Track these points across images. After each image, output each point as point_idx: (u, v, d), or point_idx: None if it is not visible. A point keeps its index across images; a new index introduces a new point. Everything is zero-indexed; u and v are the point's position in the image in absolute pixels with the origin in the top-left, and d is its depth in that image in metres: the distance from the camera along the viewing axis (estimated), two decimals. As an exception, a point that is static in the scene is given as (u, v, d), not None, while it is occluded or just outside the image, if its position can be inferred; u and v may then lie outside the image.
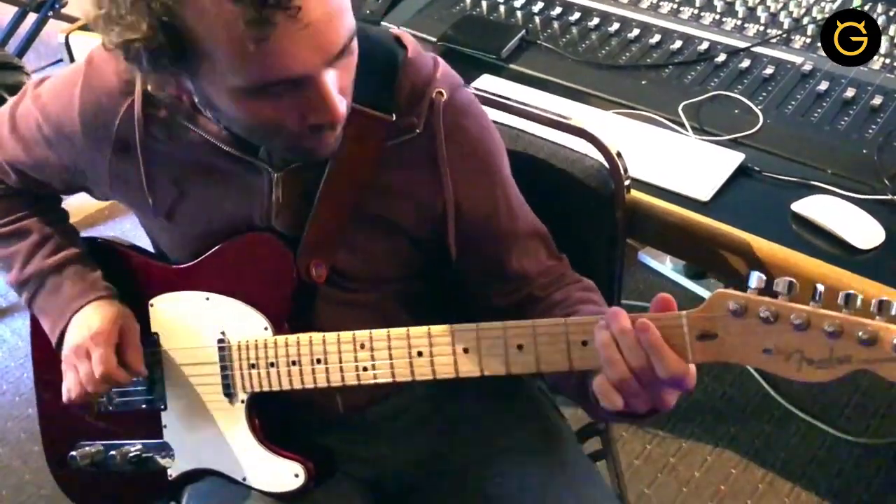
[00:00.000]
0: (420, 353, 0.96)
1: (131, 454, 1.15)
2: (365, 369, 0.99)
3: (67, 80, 1.09)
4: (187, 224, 1.09)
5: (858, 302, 0.77)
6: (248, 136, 0.97)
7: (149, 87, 1.00)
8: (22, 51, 2.81)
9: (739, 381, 2.16)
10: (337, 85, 0.87)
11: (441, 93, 1.02)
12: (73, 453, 1.18)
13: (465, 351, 0.94)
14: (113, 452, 1.16)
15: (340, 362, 1.00)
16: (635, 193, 1.29)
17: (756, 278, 0.81)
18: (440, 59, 1.06)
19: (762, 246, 1.22)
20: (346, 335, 1.00)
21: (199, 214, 1.08)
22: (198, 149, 1.03)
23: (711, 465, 1.98)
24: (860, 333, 0.76)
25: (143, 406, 1.16)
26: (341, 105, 0.88)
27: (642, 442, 2.04)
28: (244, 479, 1.10)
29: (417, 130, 1.02)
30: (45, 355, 1.23)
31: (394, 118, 1.01)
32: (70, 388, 1.10)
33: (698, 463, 1.99)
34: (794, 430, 2.04)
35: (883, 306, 0.76)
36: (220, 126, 1.00)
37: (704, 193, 1.30)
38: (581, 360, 0.89)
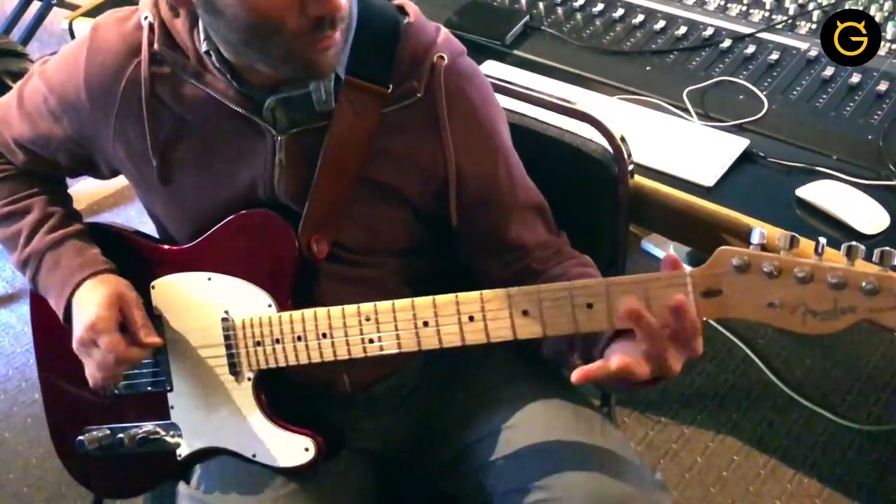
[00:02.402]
0: (426, 324, 0.97)
1: (139, 436, 1.16)
2: (371, 341, 1.00)
3: (72, 50, 1.10)
4: (190, 192, 1.10)
5: (860, 253, 0.79)
6: (250, 45, 0.94)
7: (155, 39, 1.02)
8: (26, 39, 2.81)
9: (742, 368, 2.16)
10: None
11: (442, 57, 1.03)
12: (81, 438, 1.19)
13: (471, 319, 0.95)
14: (121, 435, 1.17)
15: (346, 336, 1.01)
16: (639, 179, 1.29)
17: (758, 235, 0.83)
18: (443, 27, 1.07)
19: (766, 231, 1.22)
20: (350, 308, 1.00)
21: (202, 180, 1.08)
22: (203, 108, 1.04)
23: (713, 452, 1.99)
24: (864, 284, 0.78)
25: (150, 388, 1.16)
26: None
27: (644, 428, 2.04)
28: (254, 456, 1.11)
29: (418, 94, 1.02)
30: (48, 341, 1.24)
31: (390, 90, 1.02)
32: (91, 376, 1.11)
33: (700, 449, 2.00)
34: (797, 417, 2.04)
35: (885, 256, 0.78)
36: (226, 81, 1.01)
37: (708, 179, 1.30)
38: (587, 322, 0.90)
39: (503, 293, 0.93)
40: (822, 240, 0.81)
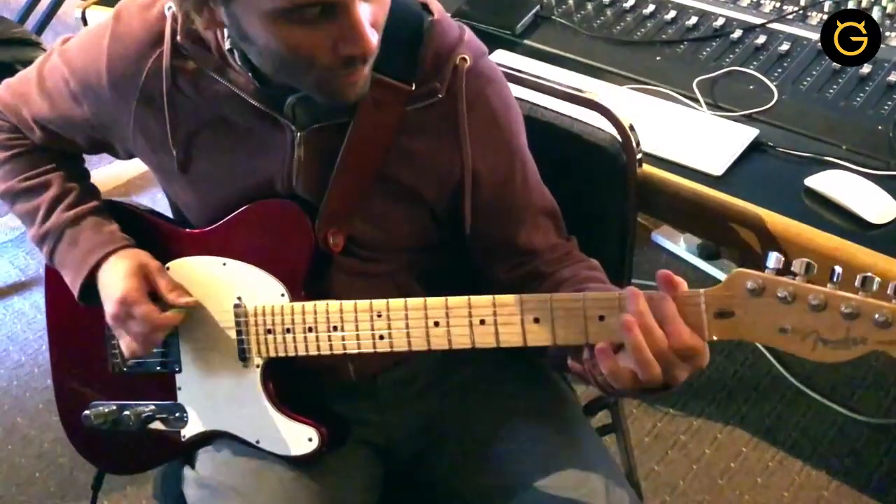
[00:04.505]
0: (437, 324, 0.97)
1: (145, 414, 1.17)
2: (381, 337, 1.00)
3: (94, 34, 1.10)
4: (209, 183, 1.10)
5: (875, 285, 0.79)
6: (280, 72, 0.96)
7: (178, 31, 1.02)
8: (40, 28, 2.82)
9: (751, 360, 2.16)
10: (370, 18, 0.89)
11: (465, 59, 1.03)
12: (87, 412, 1.19)
13: (482, 322, 0.95)
14: (127, 412, 1.17)
15: (357, 330, 1.01)
16: (648, 168, 1.29)
17: (774, 259, 0.83)
18: (467, 28, 1.07)
19: (775, 221, 1.22)
20: (363, 303, 1.01)
21: (221, 172, 1.09)
22: (223, 103, 1.04)
23: (722, 443, 1.99)
24: (877, 315, 0.78)
25: (159, 368, 1.17)
26: (373, 37, 0.89)
27: (653, 419, 2.05)
28: (258, 443, 1.11)
29: (440, 95, 1.02)
30: (60, 316, 1.25)
31: (413, 87, 1.01)
32: (128, 348, 1.11)
33: (709, 441, 2.00)
34: (806, 410, 2.04)
35: None
36: (248, 77, 1.01)
37: (717, 168, 1.30)
38: (597, 334, 0.90)
39: (516, 299, 0.93)
40: (838, 268, 0.81)
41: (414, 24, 1.03)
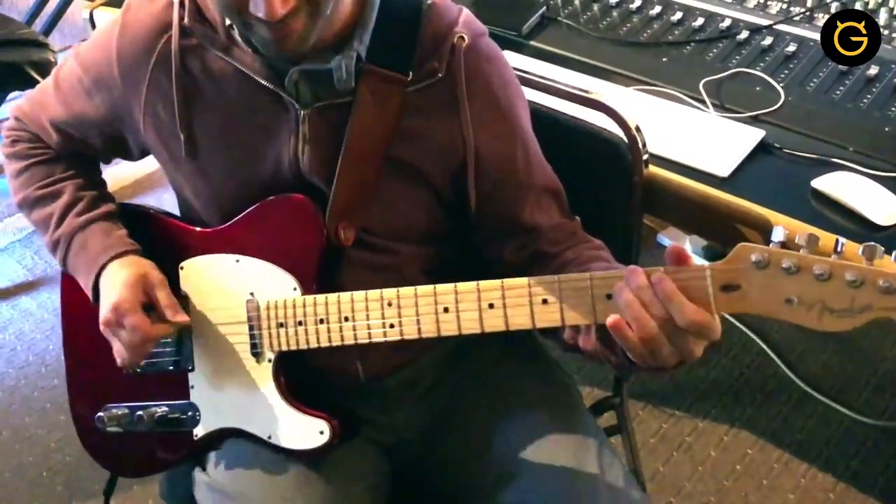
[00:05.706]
0: (446, 310, 0.97)
1: (158, 415, 1.17)
2: (392, 326, 1.01)
3: (105, 30, 1.14)
4: (217, 166, 1.11)
5: (879, 253, 0.80)
6: (222, 15, 1.00)
7: (186, 15, 1.05)
8: (48, 29, 2.84)
9: (757, 362, 2.16)
10: None
11: (462, 37, 1.04)
12: (101, 415, 1.20)
13: (491, 306, 0.95)
14: (140, 413, 1.18)
15: (367, 319, 1.02)
16: (654, 169, 1.29)
17: (780, 232, 0.83)
18: (465, 9, 1.08)
19: (781, 222, 1.22)
20: (373, 293, 1.01)
21: (229, 154, 1.10)
22: (230, 82, 1.06)
23: (728, 445, 1.99)
24: (881, 282, 0.79)
25: (171, 368, 1.17)
26: (281, 7, 0.89)
27: (658, 421, 2.05)
28: (269, 438, 1.12)
29: (439, 74, 1.04)
30: (74, 319, 1.26)
31: (410, 76, 1.03)
32: (118, 354, 1.13)
33: (714, 442, 2.00)
34: (812, 412, 2.04)
35: None
36: (251, 55, 1.04)
37: (723, 169, 1.30)
38: (605, 313, 0.90)
39: (524, 282, 0.93)
40: (842, 239, 0.82)
41: (412, 9, 1.04)
